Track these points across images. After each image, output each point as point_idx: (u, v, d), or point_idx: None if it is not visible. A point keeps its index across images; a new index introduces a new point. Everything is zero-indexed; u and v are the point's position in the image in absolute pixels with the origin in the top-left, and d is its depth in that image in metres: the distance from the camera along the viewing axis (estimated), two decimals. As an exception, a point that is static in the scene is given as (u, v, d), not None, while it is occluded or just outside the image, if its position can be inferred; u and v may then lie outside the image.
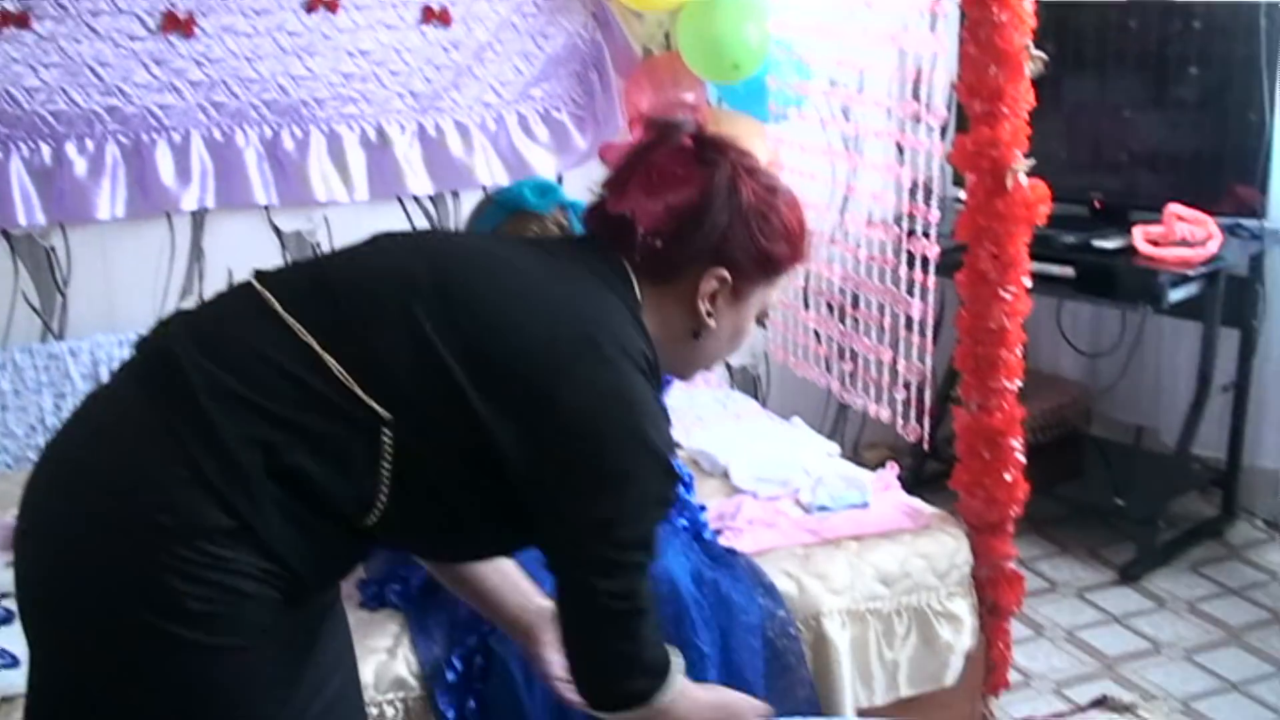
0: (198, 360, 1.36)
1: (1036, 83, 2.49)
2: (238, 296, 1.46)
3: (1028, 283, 2.55)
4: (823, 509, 2.70)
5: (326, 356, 1.37)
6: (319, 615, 1.55)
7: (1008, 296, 2.54)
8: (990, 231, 2.51)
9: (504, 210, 2.31)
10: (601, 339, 1.45)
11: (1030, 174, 2.49)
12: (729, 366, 4.00)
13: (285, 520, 1.36)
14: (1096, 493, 3.88)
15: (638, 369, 1.46)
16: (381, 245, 1.54)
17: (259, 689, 1.40)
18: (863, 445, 4.17)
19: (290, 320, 1.39)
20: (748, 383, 4.03)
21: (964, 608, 2.61)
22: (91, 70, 3.07)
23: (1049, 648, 3.11)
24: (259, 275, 1.48)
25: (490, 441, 1.40)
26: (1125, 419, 4.16)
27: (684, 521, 2.51)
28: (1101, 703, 2.83)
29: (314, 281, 1.46)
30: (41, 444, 3.20)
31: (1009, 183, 2.48)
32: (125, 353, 3.16)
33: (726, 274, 1.55)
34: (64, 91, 3.05)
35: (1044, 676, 2.98)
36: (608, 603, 1.46)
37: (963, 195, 2.61)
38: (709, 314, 1.57)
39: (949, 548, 2.62)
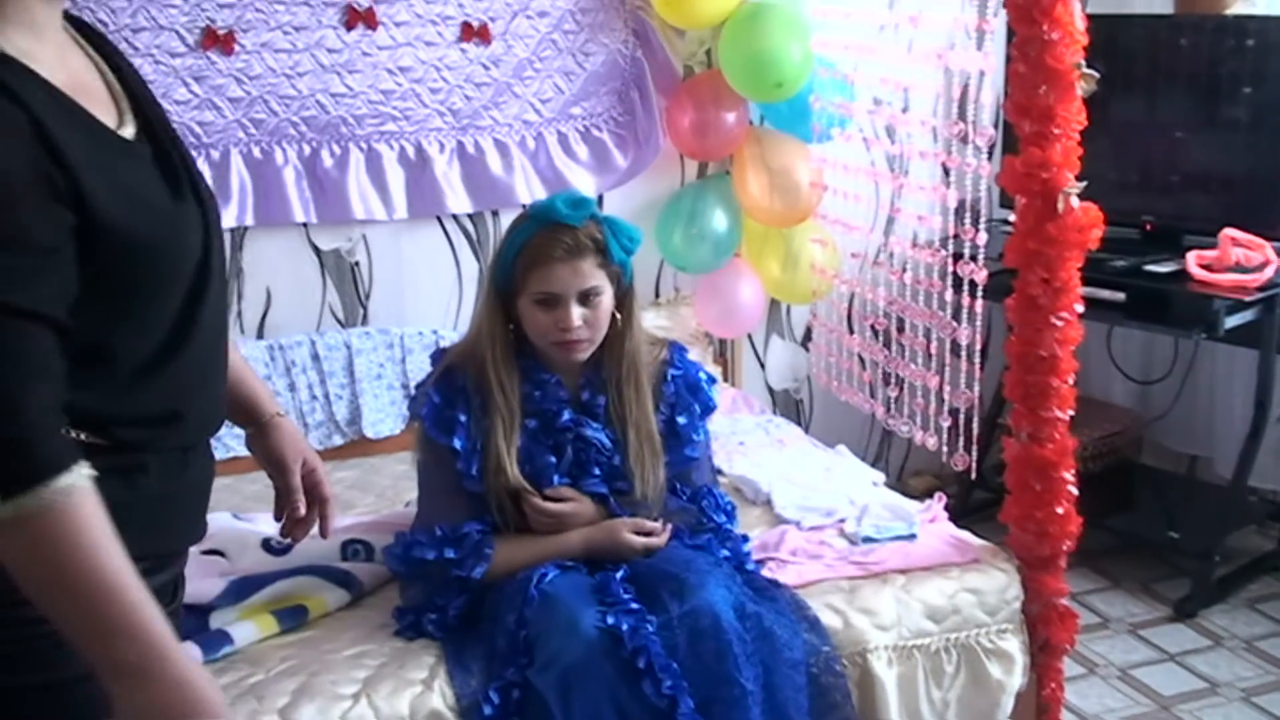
0: None
1: (1086, 102, 2.42)
2: None
3: (1079, 309, 2.48)
4: (868, 540, 2.63)
5: None
6: None
7: (1059, 323, 2.47)
8: (1041, 256, 2.44)
9: (536, 223, 2.29)
10: None
11: (1081, 196, 2.42)
12: (771, 390, 3.93)
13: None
14: (1149, 525, 3.78)
15: None
16: None
17: None
18: (908, 473, 4.09)
19: None
20: (790, 407, 3.96)
21: (1015, 645, 2.53)
22: (131, 88, 3.05)
23: (1102, 687, 3.02)
24: None
25: None
26: (1178, 448, 4.06)
27: (726, 552, 2.44)
28: (1157, 744, 2.75)
29: None
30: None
31: (1060, 206, 2.41)
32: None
33: None
34: (103, 109, 3.03)
35: (1097, 717, 2.89)
36: None
37: (1011, 217, 2.54)
38: None
39: (999, 583, 2.54)
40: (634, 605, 2.19)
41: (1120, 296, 3.33)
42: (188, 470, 1.53)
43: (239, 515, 2.81)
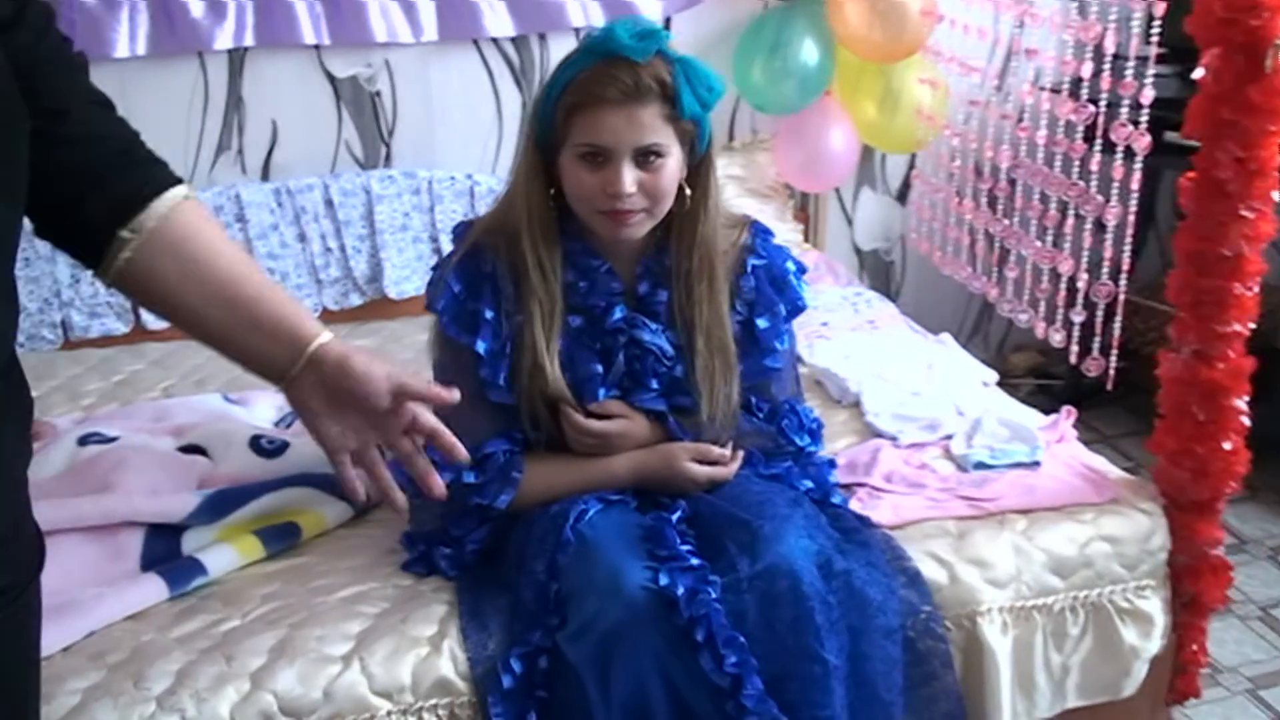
0: None
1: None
2: None
3: (1277, 196, 1.95)
4: (981, 467, 2.16)
5: None
6: None
7: (1249, 215, 1.94)
8: (1236, 128, 1.90)
9: (589, 55, 1.76)
10: None
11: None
12: (859, 251, 3.42)
13: None
14: (1288, 422, 3.27)
15: None
16: None
17: None
18: (1008, 347, 3.60)
19: None
20: (880, 270, 3.45)
21: (1156, 605, 2.07)
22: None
23: (1240, 630, 2.57)
24: None
25: None
26: (1324, 331, 3.52)
27: (809, 482, 1.99)
28: (1312, 715, 2.32)
29: None
30: (57, 319, 2.78)
31: (1269, 63, 1.86)
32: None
33: None
34: (75, -101, 2.52)
35: (1235, 670, 2.45)
36: None
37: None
38: None
39: (1142, 529, 2.07)
40: (693, 561, 1.76)
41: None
42: None
43: (230, 397, 2.44)
